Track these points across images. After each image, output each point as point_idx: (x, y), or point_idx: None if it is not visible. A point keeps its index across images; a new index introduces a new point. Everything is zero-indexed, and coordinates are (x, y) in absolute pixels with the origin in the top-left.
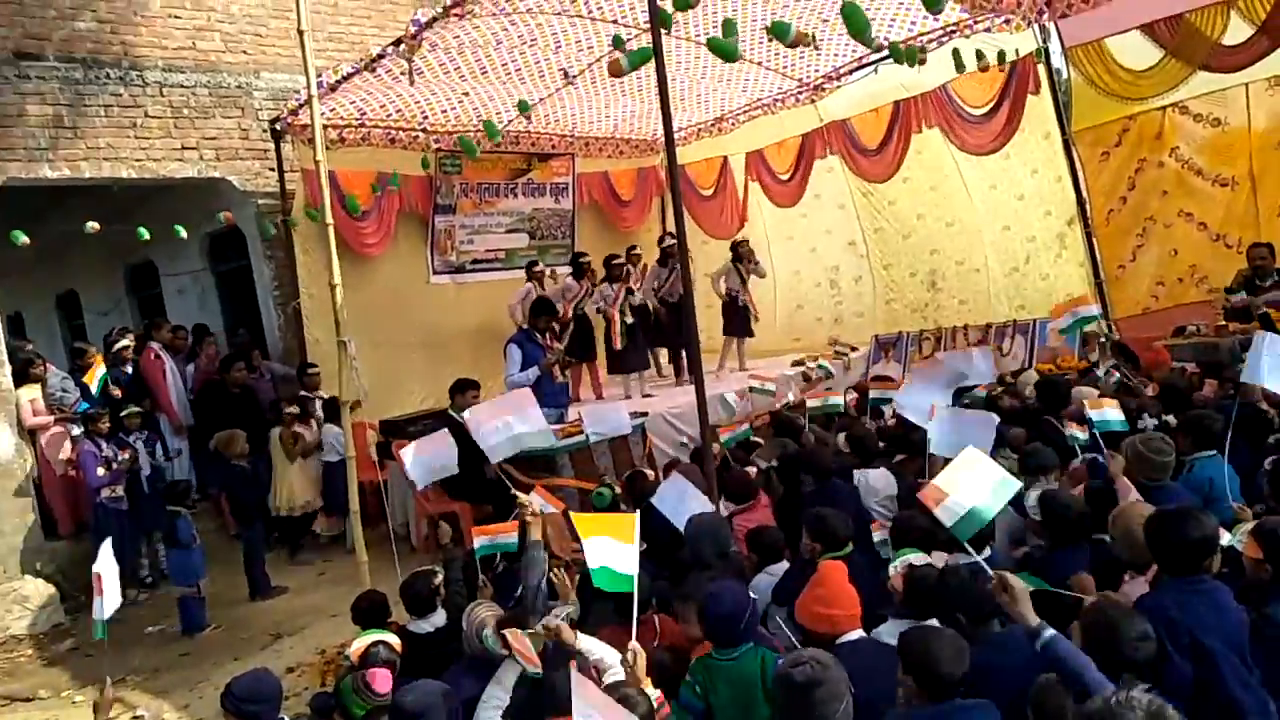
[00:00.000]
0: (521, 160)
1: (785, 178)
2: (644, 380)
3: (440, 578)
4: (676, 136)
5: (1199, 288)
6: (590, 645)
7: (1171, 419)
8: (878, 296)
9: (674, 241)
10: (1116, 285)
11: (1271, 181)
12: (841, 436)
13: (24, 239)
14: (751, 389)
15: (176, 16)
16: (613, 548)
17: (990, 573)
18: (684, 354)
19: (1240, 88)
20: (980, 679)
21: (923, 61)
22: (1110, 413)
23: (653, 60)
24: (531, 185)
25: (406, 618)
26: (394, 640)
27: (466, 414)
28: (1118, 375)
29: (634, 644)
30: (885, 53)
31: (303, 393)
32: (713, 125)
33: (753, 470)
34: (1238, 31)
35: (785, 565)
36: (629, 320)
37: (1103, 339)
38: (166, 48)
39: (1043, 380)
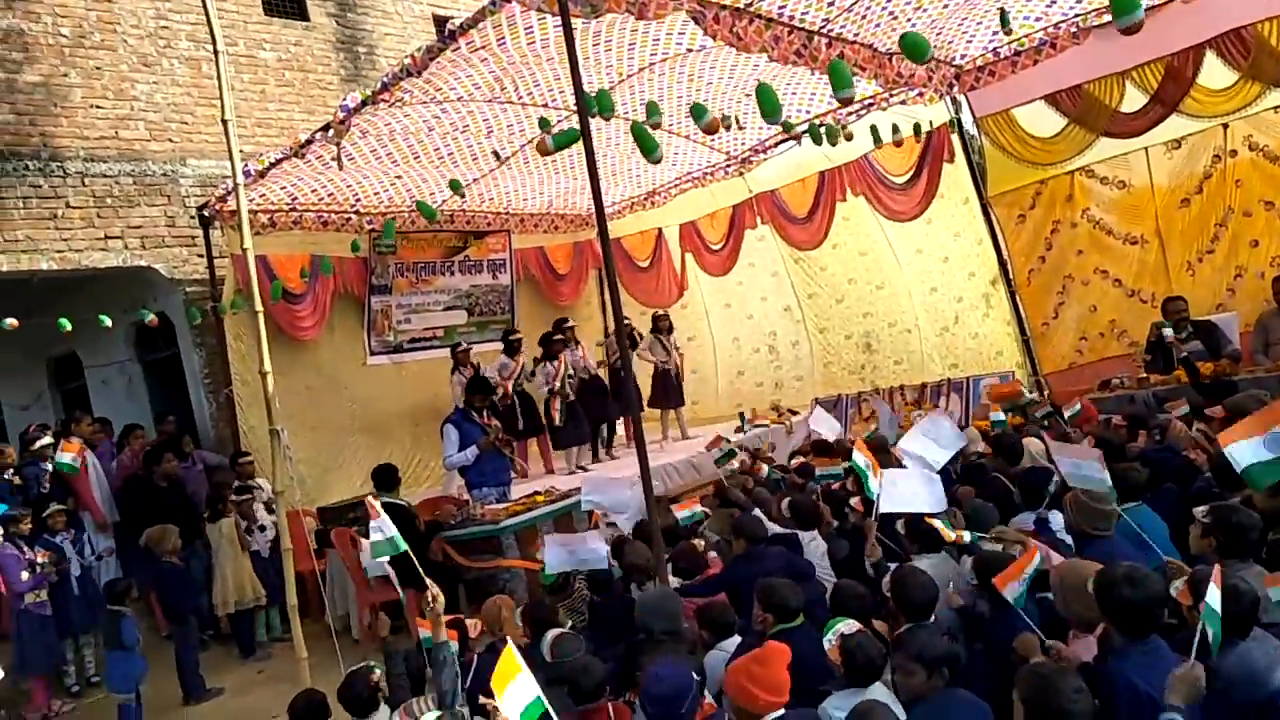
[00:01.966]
0: (457, 238)
1: (718, 247)
2: (585, 453)
3: (379, 674)
4: (610, 211)
5: (1119, 341)
6: None
7: None
8: (816, 360)
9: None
10: (1042, 341)
11: (1177, 238)
12: (785, 502)
13: None
14: (717, 459)
15: (99, 106)
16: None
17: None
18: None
19: (1141, 151)
20: None
21: (849, 137)
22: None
23: (581, 142)
24: (468, 262)
25: (347, 718)
26: None
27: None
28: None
29: None
30: (805, 130)
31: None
32: (645, 199)
33: (701, 543)
34: (1134, 100)
35: (737, 640)
36: (570, 397)
37: (1033, 394)
38: (88, 137)
39: (999, 435)
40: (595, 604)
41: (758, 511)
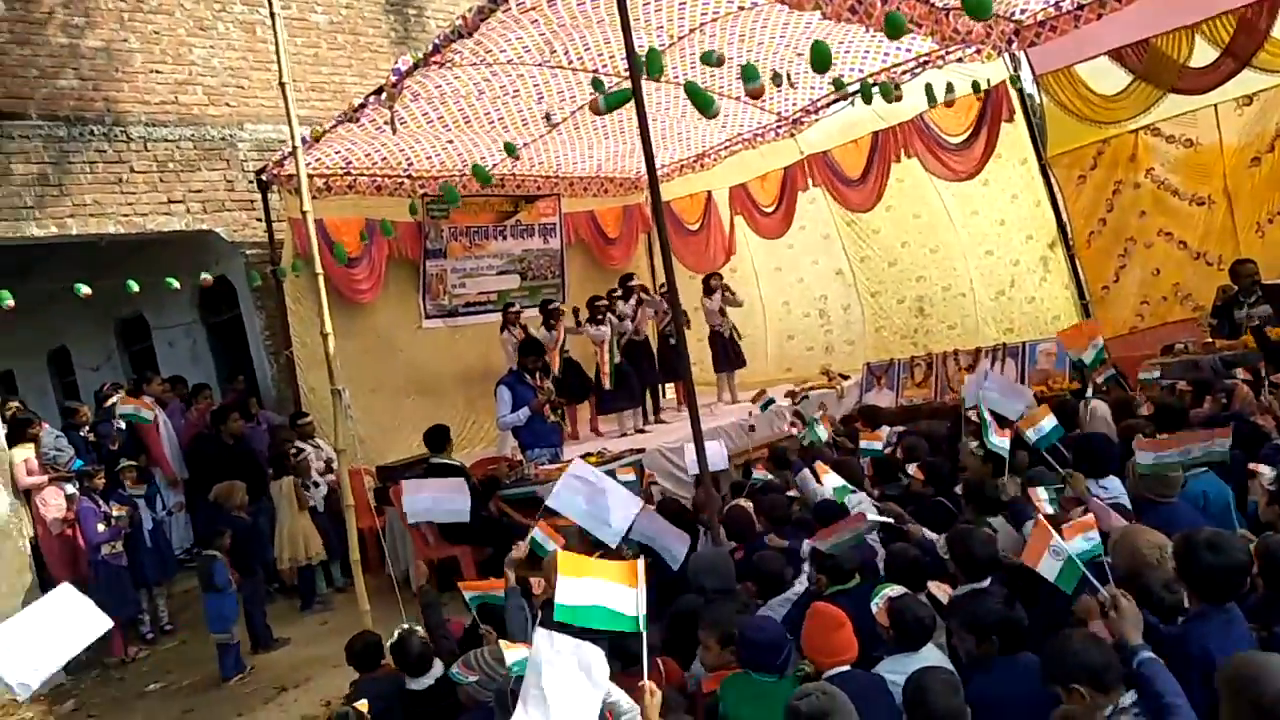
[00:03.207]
0: (508, 203)
1: (769, 210)
2: (636, 415)
3: (422, 631)
4: (659, 174)
5: (1183, 305)
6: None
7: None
8: (867, 324)
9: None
10: (1102, 306)
11: (1245, 198)
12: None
13: (9, 300)
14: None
15: (158, 71)
16: (611, 590)
17: (1101, 588)
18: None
19: (1209, 109)
20: (986, 709)
21: (899, 98)
22: (1046, 423)
23: (633, 103)
24: (520, 227)
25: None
26: (362, 705)
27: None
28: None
29: (647, 682)
30: (858, 90)
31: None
32: (695, 161)
33: (750, 505)
34: (1203, 54)
35: (786, 597)
36: (616, 359)
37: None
38: (149, 102)
39: (1054, 399)
40: (649, 564)
41: (806, 472)
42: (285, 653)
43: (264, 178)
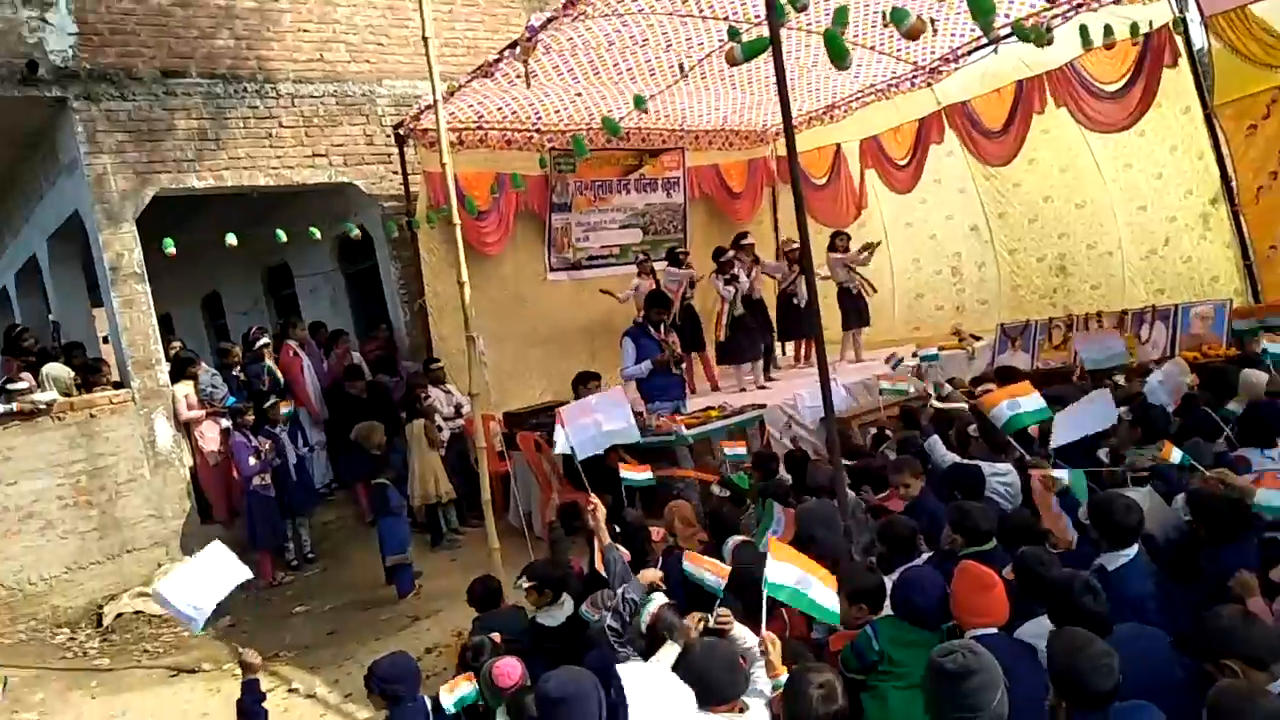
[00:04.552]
0: (633, 156)
1: (902, 163)
2: (756, 370)
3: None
4: None
5: None
6: (743, 633)
7: None
8: (1003, 283)
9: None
10: (1268, 267)
11: None
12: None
13: (172, 249)
14: (883, 390)
15: (305, 30)
16: (816, 585)
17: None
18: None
19: None
20: None
21: (1050, 41)
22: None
23: (766, 51)
24: (644, 181)
25: (515, 598)
26: (496, 636)
27: (561, 409)
28: None
29: (767, 633)
30: (1006, 33)
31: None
32: (824, 113)
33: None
34: None
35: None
36: (738, 312)
37: None
38: (297, 60)
39: (1209, 366)
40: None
41: (936, 438)
42: (417, 585)
43: (401, 132)
